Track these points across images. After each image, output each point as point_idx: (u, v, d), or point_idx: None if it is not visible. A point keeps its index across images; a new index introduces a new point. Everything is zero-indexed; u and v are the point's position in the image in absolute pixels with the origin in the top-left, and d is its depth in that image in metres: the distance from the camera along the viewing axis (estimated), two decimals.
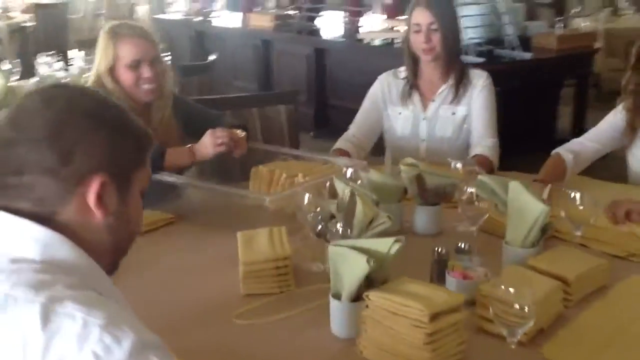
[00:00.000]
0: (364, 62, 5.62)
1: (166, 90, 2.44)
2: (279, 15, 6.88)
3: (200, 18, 7.82)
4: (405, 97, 2.79)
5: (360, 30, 6.12)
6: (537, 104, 5.36)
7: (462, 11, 4.54)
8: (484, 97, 2.74)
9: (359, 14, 6.25)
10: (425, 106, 2.78)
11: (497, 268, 1.72)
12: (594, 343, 1.47)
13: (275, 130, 2.97)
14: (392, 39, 5.53)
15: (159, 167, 2.17)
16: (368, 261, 1.41)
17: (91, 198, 1.03)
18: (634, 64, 2.36)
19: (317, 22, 6.48)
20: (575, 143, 2.57)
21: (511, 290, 1.33)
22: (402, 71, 2.83)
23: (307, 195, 1.80)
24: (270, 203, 1.97)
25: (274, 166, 2.29)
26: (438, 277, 1.68)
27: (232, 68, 6.95)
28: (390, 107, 2.82)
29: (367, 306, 1.43)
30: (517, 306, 1.33)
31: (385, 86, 2.84)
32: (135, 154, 1.11)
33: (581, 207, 1.80)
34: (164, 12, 8.99)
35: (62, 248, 1.00)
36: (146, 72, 2.35)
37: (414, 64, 2.76)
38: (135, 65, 2.35)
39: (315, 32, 6.38)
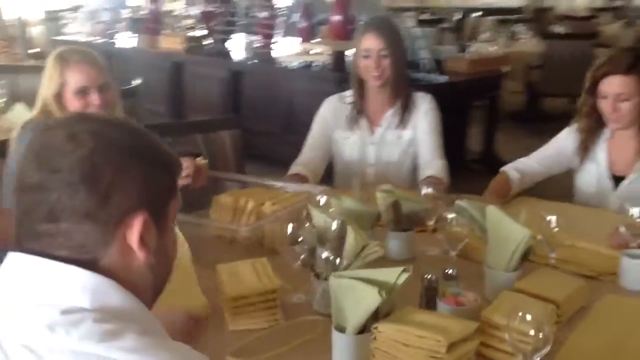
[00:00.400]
0: (281, 85, 5.61)
1: None
2: (191, 37, 6.74)
3: (104, 40, 7.58)
4: (353, 122, 2.79)
5: (273, 53, 6.09)
6: (450, 125, 5.49)
7: None
8: (429, 120, 2.80)
9: (271, 36, 6.22)
10: (372, 131, 2.80)
11: (480, 292, 1.73)
12: None
13: (219, 157, 2.89)
14: (310, 62, 5.54)
15: None
16: (380, 293, 1.39)
17: (134, 239, 0.95)
18: (588, 88, 2.45)
19: (229, 45, 6.39)
20: (522, 163, 2.65)
21: (528, 317, 1.33)
22: (348, 96, 2.84)
23: (290, 224, 1.75)
24: (246, 233, 1.91)
25: (234, 195, 2.22)
26: (427, 303, 1.67)
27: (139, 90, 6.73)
28: (338, 132, 2.82)
29: (374, 338, 1.41)
30: (532, 332, 1.33)
31: (332, 110, 2.83)
32: (169, 183, 1.03)
33: (556, 230, 1.85)
34: (61, 34, 8.65)
35: (113, 294, 0.93)
36: (94, 99, 2.27)
37: (361, 88, 2.77)
38: (82, 92, 2.27)
39: (228, 55, 6.30)
